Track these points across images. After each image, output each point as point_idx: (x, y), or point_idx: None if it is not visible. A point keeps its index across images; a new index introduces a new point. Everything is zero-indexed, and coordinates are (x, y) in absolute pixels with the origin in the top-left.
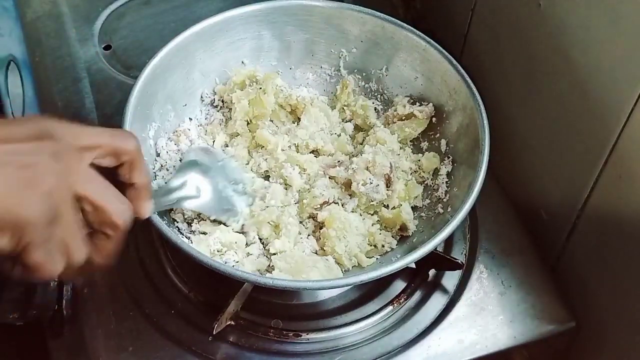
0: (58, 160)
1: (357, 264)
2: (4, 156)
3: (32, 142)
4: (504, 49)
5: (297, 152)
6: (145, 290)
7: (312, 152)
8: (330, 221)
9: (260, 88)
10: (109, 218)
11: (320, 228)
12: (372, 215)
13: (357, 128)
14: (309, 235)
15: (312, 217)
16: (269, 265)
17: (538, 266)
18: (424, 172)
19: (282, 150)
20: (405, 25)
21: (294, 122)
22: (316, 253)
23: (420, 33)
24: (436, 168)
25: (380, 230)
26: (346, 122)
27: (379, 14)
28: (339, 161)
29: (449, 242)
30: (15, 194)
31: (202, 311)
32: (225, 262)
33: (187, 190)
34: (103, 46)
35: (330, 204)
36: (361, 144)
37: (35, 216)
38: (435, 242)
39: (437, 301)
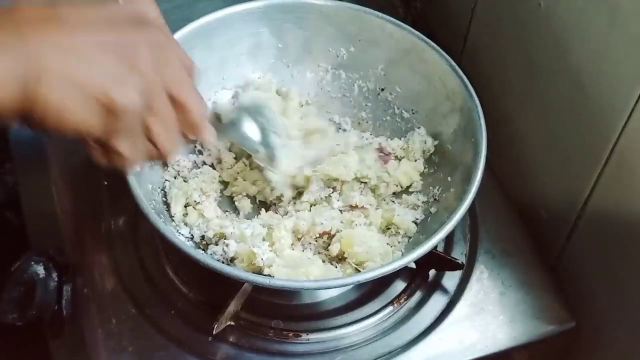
0: (157, 51)
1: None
2: (106, 39)
3: (133, 27)
4: (504, 49)
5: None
6: (145, 290)
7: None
8: (347, 245)
9: None
10: (193, 120)
11: (340, 258)
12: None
13: None
14: (315, 253)
15: (316, 240)
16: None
17: (538, 266)
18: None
19: None
20: (403, 25)
21: None
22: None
23: (419, 33)
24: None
25: (394, 232)
26: None
27: (377, 13)
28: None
29: (449, 242)
30: (113, 79)
31: (202, 311)
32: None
33: (243, 129)
34: None
35: (333, 235)
36: None
37: (130, 103)
38: (432, 242)
39: (437, 301)
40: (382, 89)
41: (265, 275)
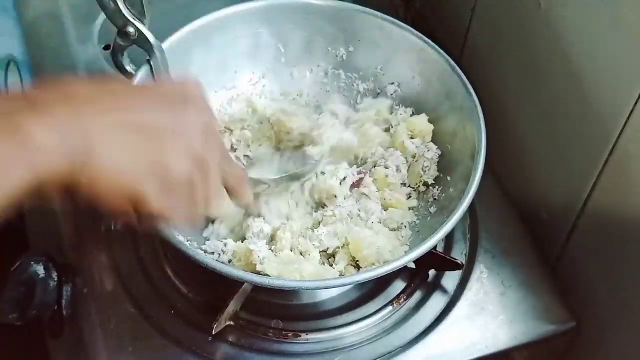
0: (205, 132)
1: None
2: (160, 115)
3: (183, 105)
4: (504, 49)
5: None
6: (145, 291)
7: None
8: (356, 251)
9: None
10: (241, 188)
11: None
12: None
13: None
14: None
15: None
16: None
17: (538, 266)
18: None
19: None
20: (403, 25)
21: None
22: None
23: (418, 33)
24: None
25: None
26: None
27: (377, 13)
28: None
29: (449, 242)
30: (169, 151)
31: (202, 311)
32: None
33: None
34: (103, 46)
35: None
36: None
37: (184, 172)
38: (432, 242)
39: (437, 301)
40: (382, 89)
41: (260, 273)
